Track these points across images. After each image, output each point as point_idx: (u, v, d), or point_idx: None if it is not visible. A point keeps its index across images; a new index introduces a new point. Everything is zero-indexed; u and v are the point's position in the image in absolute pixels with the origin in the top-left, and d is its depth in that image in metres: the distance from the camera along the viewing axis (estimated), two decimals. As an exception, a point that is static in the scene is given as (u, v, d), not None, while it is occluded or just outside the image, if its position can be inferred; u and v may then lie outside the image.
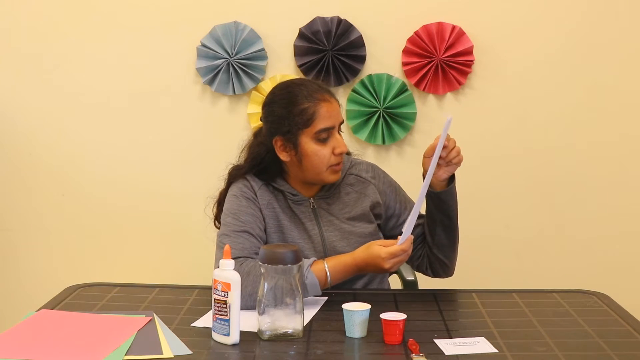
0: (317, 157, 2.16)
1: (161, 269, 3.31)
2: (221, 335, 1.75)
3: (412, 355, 1.67)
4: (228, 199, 2.25)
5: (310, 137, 2.15)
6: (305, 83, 2.22)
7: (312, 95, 2.16)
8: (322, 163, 2.17)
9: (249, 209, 2.19)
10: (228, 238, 2.13)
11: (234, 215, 2.19)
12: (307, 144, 2.16)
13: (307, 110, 2.14)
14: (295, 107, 2.15)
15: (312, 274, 2.04)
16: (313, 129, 2.15)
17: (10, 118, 3.32)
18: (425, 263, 2.30)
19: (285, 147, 2.18)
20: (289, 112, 2.16)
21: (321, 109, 2.15)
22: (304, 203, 2.24)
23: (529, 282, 3.11)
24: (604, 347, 1.75)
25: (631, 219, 3.31)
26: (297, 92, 2.17)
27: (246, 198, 2.21)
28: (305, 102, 2.15)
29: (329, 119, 2.16)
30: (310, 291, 2.05)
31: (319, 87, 2.20)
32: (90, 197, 3.34)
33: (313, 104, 2.15)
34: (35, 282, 3.35)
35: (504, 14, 3.24)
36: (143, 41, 3.27)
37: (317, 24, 3.21)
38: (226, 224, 2.18)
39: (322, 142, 2.16)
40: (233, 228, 2.16)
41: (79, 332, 1.80)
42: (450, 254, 2.27)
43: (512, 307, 2.06)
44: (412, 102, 3.25)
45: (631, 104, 3.27)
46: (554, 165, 3.28)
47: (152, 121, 3.31)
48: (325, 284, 2.08)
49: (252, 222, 2.17)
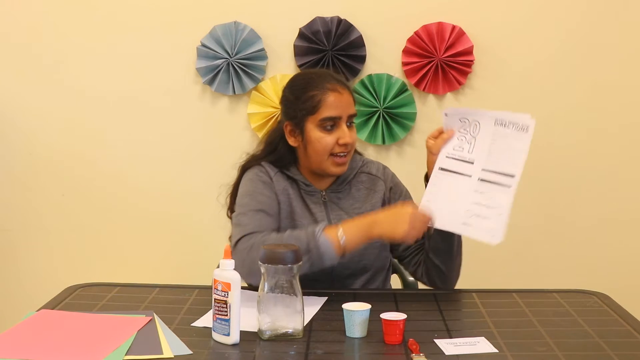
0: (320, 144, 2.18)
1: (161, 269, 3.31)
2: (221, 335, 1.75)
3: (412, 355, 1.67)
4: (243, 182, 2.25)
5: (315, 124, 2.19)
6: (322, 73, 2.27)
7: (322, 84, 2.20)
8: (324, 150, 2.18)
9: (265, 191, 2.21)
10: (245, 216, 2.14)
11: (250, 195, 2.19)
12: (311, 131, 2.19)
13: (315, 98, 2.18)
14: (304, 94, 2.20)
15: (323, 235, 2.02)
16: (318, 116, 2.18)
17: (10, 118, 3.32)
18: (421, 270, 2.26)
19: (293, 132, 2.24)
20: (297, 97, 2.22)
21: (328, 98, 2.18)
22: (316, 194, 2.26)
23: (529, 282, 3.10)
24: (604, 347, 1.75)
25: (631, 218, 3.31)
26: (309, 80, 2.23)
27: (262, 182, 2.23)
28: (314, 90, 2.19)
29: (335, 109, 2.18)
30: (325, 255, 2.01)
31: (332, 78, 2.23)
32: (90, 197, 3.35)
33: (321, 92, 2.18)
34: (35, 282, 3.35)
35: (504, 14, 3.24)
36: (143, 41, 3.28)
37: (317, 24, 3.21)
38: (243, 204, 2.19)
39: (327, 131, 2.18)
40: (250, 207, 2.16)
41: (79, 332, 1.80)
42: (448, 262, 2.20)
43: (512, 307, 2.06)
44: (412, 102, 3.25)
45: (631, 104, 3.27)
46: (554, 165, 3.28)
47: (152, 121, 3.31)
48: (339, 246, 2.03)
49: (269, 203, 2.18)
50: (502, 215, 2.02)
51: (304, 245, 2.00)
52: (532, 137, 2.05)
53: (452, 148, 2.14)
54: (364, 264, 2.25)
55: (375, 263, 2.27)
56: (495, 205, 2.03)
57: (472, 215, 2.06)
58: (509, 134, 2.05)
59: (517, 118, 2.05)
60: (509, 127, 2.06)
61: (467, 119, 2.14)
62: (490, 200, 2.04)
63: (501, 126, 2.07)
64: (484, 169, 2.07)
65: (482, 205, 2.06)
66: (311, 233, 2.03)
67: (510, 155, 2.05)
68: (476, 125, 2.12)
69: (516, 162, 2.05)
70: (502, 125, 2.07)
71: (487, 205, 2.05)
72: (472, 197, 2.07)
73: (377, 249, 2.26)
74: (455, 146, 2.14)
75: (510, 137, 2.05)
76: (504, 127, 2.07)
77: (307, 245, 2.01)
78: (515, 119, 2.05)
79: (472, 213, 2.06)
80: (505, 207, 2.03)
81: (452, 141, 2.15)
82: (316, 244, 2.01)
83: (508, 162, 2.05)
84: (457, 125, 2.14)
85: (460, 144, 2.13)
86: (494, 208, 2.03)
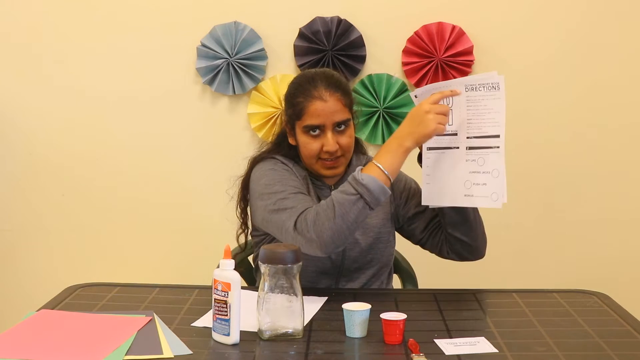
0: (306, 149, 2.20)
1: (161, 269, 3.31)
2: (221, 335, 1.75)
3: (412, 355, 1.67)
4: (264, 173, 2.21)
5: (300, 129, 2.20)
6: (314, 77, 2.22)
7: (308, 91, 2.18)
8: (310, 155, 2.20)
9: (292, 176, 2.21)
10: (287, 200, 2.09)
11: (280, 182, 2.16)
12: (299, 135, 2.22)
13: (300, 104, 2.19)
14: (294, 99, 2.21)
15: (368, 176, 2.00)
16: (302, 123, 2.19)
17: (10, 118, 3.32)
18: (446, 247, 2.26)
19: (291, 133, 2.26)
20: (288, 101, 2.24)
21: (311, 107, 2.17)
22: (324, 190, 2.26)
23: (529, 282, 3.10)
24: (604, 347, 1.75)
25: (631, 218, 3.31)
26: (299, 84, 2.23)
27: (284, 169, 2.22)
28: (300, 96, 2.19)
29: (317, 118, 2.17)
30: (375, 191, 1.99)
31: (322, 83, 2.19)
32: (90, 197, 3.35)
33: (305, 99, 2.18)
34: (35, 282, 3.35)
35: (504, 14, 3.24)
36: (143, 41, 3.28)
37: (317, 24, 3.21)
38: (276, 192, 2.14)
39: (313, 136, 2.19)
40: (288, 191, 2.12)
41: (79, 332, 1.80)
42: (469, 232, 2.21)
43: (512, 307, 2.06)
44: (412, 102, 3.22)
45: (631, 104, 3.27)
46: (554, 165, 3.28)
47: (152, 121, 3.31)
48: (385, 177, 2.02)
49: (300, 185, 2.18)
50: (500, 177, 2.03)
51: (352, 192, 1.99)
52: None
53: None
54: (371, 258, 2.26)
55: (381, 258, 2.28)
56: (490, 169, 2.04)
57: (472, 185, 2.08)
58: (482, 95, 2.05)
59: (485, 78, 2.05)
60: (480, 89, 2.06)
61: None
62: (484, 166, 2.05)
63: (472, 90, 2.07)
64: (469, 137, 2.07)
65: (477, 172, 2.06)
66: (353, 180, 2.01)
67: (489, 116, 2.05)
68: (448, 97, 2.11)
69: (497, 121, 2.04)
70: (472, 89, 2.07)
71: (481, 171, 2.05)
72: (466, 167, 2.08)
73: (384, 243, 2.27)
74: None
75: (485, 99, 2.05)
76: (475, 91, 2.06)
77: (357, 192, 1.99)
78: (484, 79, 2.05)
79: (471, 183, 2.08)
80: (499, 169, 2.03)
81: None
82: (363, 185, 1.99)
83: (489, 124, 2.05)
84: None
85: None
86: (489, 172, 2.04)
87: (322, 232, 1.98)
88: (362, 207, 1.99)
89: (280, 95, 3.20)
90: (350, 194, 1.99)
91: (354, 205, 1.98)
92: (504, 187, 2.02)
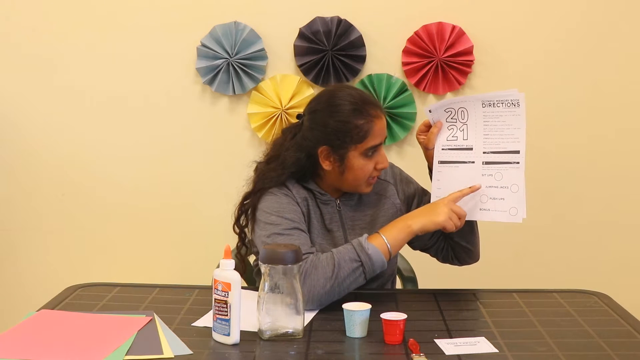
0: (362, 171, 2.16)
1: (161, 269, 3.31)
2: (221, 335, 1.75)
3: (412, 355, 1.67)
4: (266, 197, 2.18)
5: (359, 153, 2.14)
6: (357, 96, 2.17)
7: (367, 112, 2.13)
8: (364, 176, 2.17)
9: (291, 205, 2.16)
10: (281, 237, 2.09)
11: (277, 213, 2.13)
12: (354, 158, 2.15)
13: (362, 127, 2.12)
14: (349, 123, 2.12)
15: (373, 246, 2.04)
16: (365, 146, 2.13)
17: (10, 118, 3.32)
18: (450, 253, 2.31)
19: (329, 157, 2.16)
20: (343, 125, 2.12)
21: (375, 127, 2.13)
22: (331, 203, 2.24)
23: (529, 282, 3.10)
24: (604, 347, 1.75)
25: (631, 218, 3.31)
26: (350, 107, 2.14)
27: (284, 195, 2.18)
28: (360, 119, 2.12)
29: (380, 137, 2.15)
30: (376, 263, 2.03)
31: (371, 103, 2.17)
32: (90, 197, 3.34)
33: (367, 121, 2.12)
34: (35, 282, 3.35)
35: (504, 14, 3.24)
36: (143, 41, 3.28)
37: (317, 24, 3.21)
38: (273, 223, 2.12)
39: (369, 157, 2.15)
40: (284, 226, 2.11)
41: (79, 332, 1.80)
42: (472, 238, 2.26)
43: (512, 307, 2.06)
44: (412, 102, 3.25)
45: (631, 105, 3.27)
46: (554, 165, 3.28)
47: (152, 121, 3.31)
48: (387, 251, 2.07)
49: (298, 219, 2.15)
50: (519, 192, 2.06)
51: (354, 258, 2.02)
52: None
53: (445, 139, 2.17)
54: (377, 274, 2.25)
55: (388, 269, 2.26)
56: (508, 184, 2.07)
57: (488, 199, 2.10)
58: (501, 112, 2.08)
59: (505, 95, 2.07)
60: (499, 105, 2.08)
61: (453, 108, 2.16)
62: (502, 180, 2.08)
63: (490, 106, 2.09)
64: (486, 152, 2.10)
65: (495, 187, 2.10)
66: (358, 245, 2.04)
67: (509, 132, 2.08)
68: (463, 112, 2.13)
69: (517, 137, 2.08)
70: (490, 105, 2.09)
71: (499, 186, 2.08)
72: (483, 181, 2.09)
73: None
74: (448, 137, 2.17)
75: (504, 115, 2.08)
76: (494, 107, 2.09)
77: (359, 257, 2.03)
78: (503, 96, 2.08)
79: (487, 197, 2.10)
80: (519, 184, 2.06)
81: (443, 132, 2.18)
82: (367, 254, 2.03)
83: (509, 139, 2.08)
84: (444, 117, 2.18)
85: (453, 133, 2.16)
86: (507, 187, 2.07)
87: (314, 288, 1.99)
88: (359, 276, 2.03)
89: (281, 95, 3.20)
90: (353, 260, 2.02)
91: (353, 272, 2.02)
92: (524, 202, 2.05)
